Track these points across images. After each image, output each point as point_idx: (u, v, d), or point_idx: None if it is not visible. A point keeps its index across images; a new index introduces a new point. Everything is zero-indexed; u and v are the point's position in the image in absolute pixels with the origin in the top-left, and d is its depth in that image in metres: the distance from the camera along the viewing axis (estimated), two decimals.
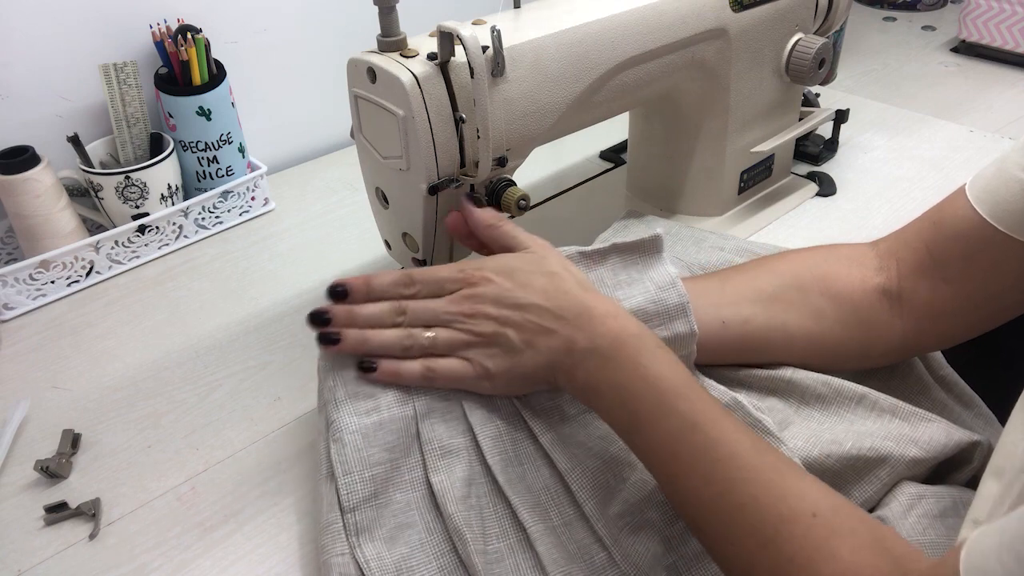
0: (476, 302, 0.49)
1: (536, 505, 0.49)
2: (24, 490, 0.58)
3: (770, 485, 0.41)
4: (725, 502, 0.41)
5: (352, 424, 0.49)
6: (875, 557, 0.38)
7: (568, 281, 0.49)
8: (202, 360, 0.69)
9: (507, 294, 0.49)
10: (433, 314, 0.50)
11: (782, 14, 0.73)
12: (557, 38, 0.58)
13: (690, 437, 0.43)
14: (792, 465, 0.42)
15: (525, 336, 0.48)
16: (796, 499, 0.40)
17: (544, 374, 0.49)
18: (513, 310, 0.49)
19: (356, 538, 0.47)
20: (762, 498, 0.40)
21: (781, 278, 0.57)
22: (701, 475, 0.42)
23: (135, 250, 0.82)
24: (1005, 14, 1.12)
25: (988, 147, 0.94)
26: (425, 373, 0.50)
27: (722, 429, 0.43)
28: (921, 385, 0.59)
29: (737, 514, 0.41)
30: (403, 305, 0.51)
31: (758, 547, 0.40)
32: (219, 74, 0.84)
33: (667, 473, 0.44)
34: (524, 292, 0.49)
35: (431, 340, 0.50)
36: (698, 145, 0.76)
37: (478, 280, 0.50)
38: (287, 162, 1.01)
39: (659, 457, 0.45)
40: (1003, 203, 0.50)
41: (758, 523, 0.40)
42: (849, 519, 0.39)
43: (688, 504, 0.43)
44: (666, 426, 0.44)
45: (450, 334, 0.50)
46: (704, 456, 0.42)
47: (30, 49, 0.78)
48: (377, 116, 0.55)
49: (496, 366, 0.49)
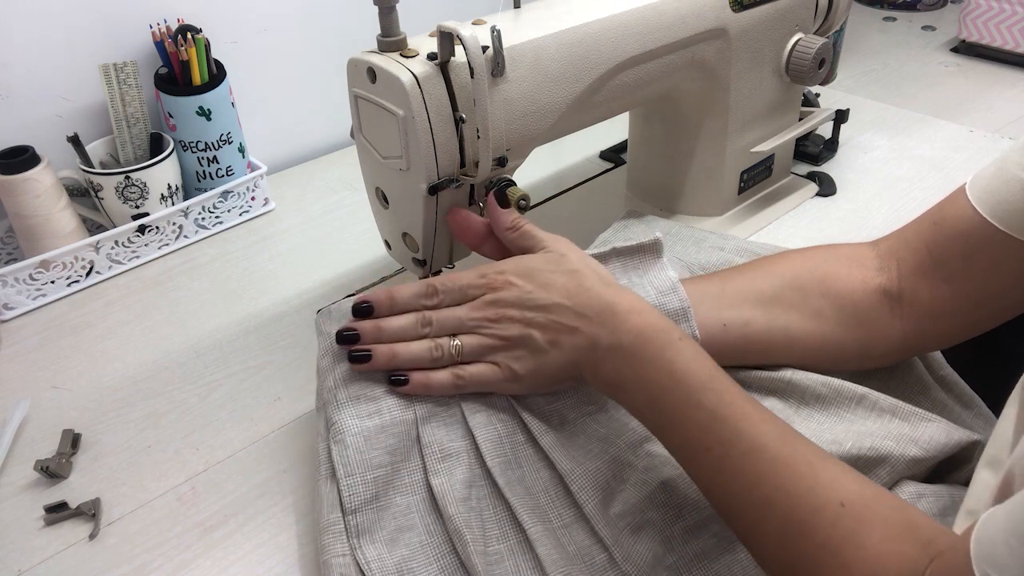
0: (499, 306, 0.50)
1: (536, 507, 0.49)
2: (24, 490, 0.58)
3: (799, 475, 0.41)
4: (755, 494, 0.42)
5: (354, 426, 0.49)
6: (903, 544, 0.38)
7: (590, 278, 0.50)
8: (202, 360, 0.69)
9: (529, 296, 0.49)
10: (458, 322, 0.51)
11: (782, 14, 0.73)
12: (557, 38, 0.58)
13: (717, 430, 0.43)
14: (821, 453, 0.43)
15: (549, 336, 0.49)
16: (824, 488, 0.40)
17: (571, 371, 0.49)
18: (536, 311, 0.49)
19: (357, 539, 0.47)
20: (791, 489, 0.41)
21: (781, 279, 0.57)
22: (730, 468, 0.43)
23: (135, 250, 0.82)
24: (1005, 14, 1.12)
25: (988, 147, 0.94)
26: (455, 381, 0.50)
27: (750, 421, 0.43)
28: (921, 385, 0.59)
29: (766, 507, 0.41)
30: (428, 316, 0.51)
31: (788, 537, 0.40)
32: (219, 74, 0.84)
33: (696, 466, 0.45)
34: (546, 293, 0.49)
35: (458, 349, 0.50)
36: (698, 145, 0.76)
37: (500, 284, 0.50)
38: (287, 162, 1.01)
39: (688, 451, 0.45)
40: (1004, 202, 0.50)
41: (788, 514, 0.40)
42: (879, 506, 0.40)
43: (718, 496, 0.44)
44: (694, 419, 0.44)
45: (476, 340, 0.50)
46: (732, 448, 0.43)
47: (30, 49, 0.78)
48: (377, 116, 0.55)
49: (523, 368, 0.50)
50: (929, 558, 0.37)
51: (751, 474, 0.42)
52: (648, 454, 0.52)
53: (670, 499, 0.50)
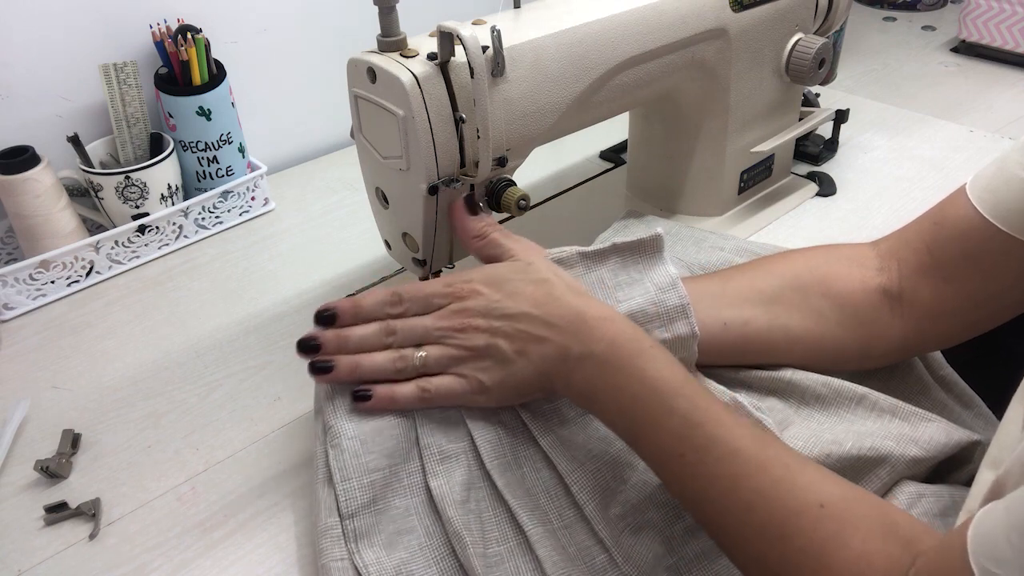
0: (465, 316, 0.49)
1: (536, 508, 0.49)
2: (24, 490, 0.58)
3: (776, 479, 0.41)
4: (732, 499, 0.41)
5: (350, 430, 0.49)
6: (885, 543, 0.38)
7: (558, 287, 0.49)
8: (202, 360, 0.69)
9: (496, 305, 0.49)
10: (424, 331, 0.50)
11: (782, 14, 0.73)
12: (557, 38, 0.58)
13: (692, 436, 0.43)
14: (797, 456, 0.42)
15: (516, 346, 0.48)
16: (803, 491, 0.40)
17: (540, 382, 0.49)
18: (503, 320, 0.48)
19: (355, 543, 0.47)
20: (769, 493, 0.40)
21: (781, 279, 0.57)
22: (705, 474, 0.42)
23: (135, 250, 0.82)
24: (1005, 14, 1.12)
25: (988, 147, 0.94)
26: (420, 395, 0.49)
27: (724, 426, 0.43)
28: (921, 385, 0.59)
29: (745, 511, 0.41)
30: (392, 325, 0.50)
31: (769, 542, 0.40)
32: (219, 74, 0.84)
33: (672, 473, 0.44)
34: (513, 302, 0.48)
35: (423, 359, 0.49)
36: (698, 145, 0.76)
37: (466, 293, 0.50)
38: (287, 162, 1.01)
39: (663, 458, 0.45)
40: (1004, 202, 0.50)
41: (767, 518, 0.40)
42: (859, 506, 0.39)
43: (696, 503, 0.44)
44: (667, 426, 0.44)
45: (441, 351, 0.49)
46: (707, 454, 0.42)
47: (30, 49, 0.78)
48: (377, 116, 0.55)
49: (490, 379, 0.49)
50: (912, 556, 0.37)
51: (727, 478, 0.41)
52: None
53: (670, 499, 0.50)
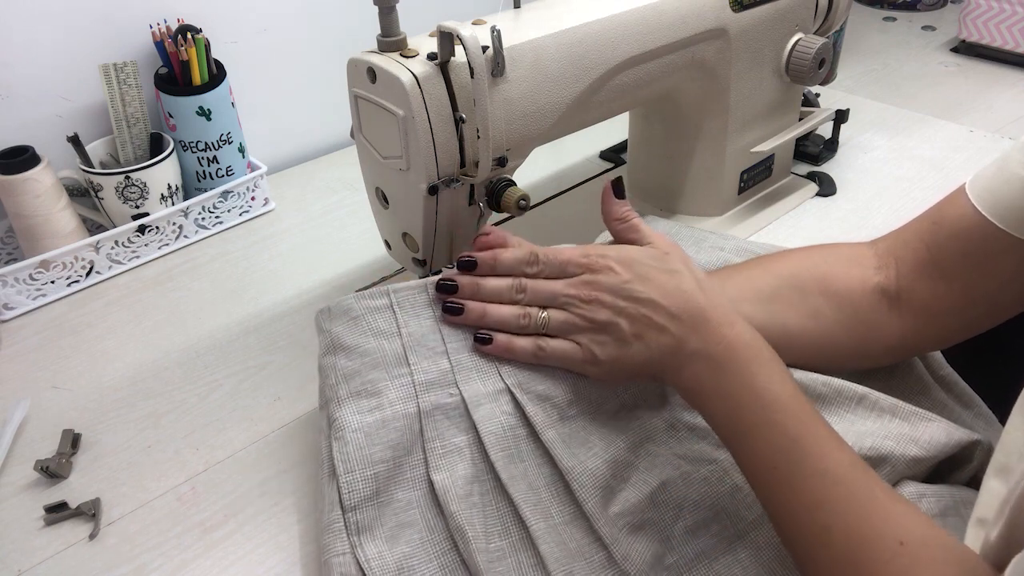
0: (594, 288, 0.50)
1: (538, 503, 0.49)
2: (24, 490, 0.58)
3: (860, 507, 0.41)
4: (814, 519, 0.41)
5: (354, 422, 0.49)
6: None
7: (688, 281, 0.49)
8: (202, 360, 0.69)
9: (626, 285, 0.49)
10: (551, 295, 0.51)
11: (782, 14, 0.73)
12: (557, 38, 0.58)
13: (787, 450, 0.43)
14: (888, 490, 0.42)
15: (636, 329, 0.49)
16: (884, 524, 0.40)
17: (650, 368, 0.49)
18: (629, 302, 0.49)
19: (357, 537, 0.47)
20: (850, 520, 0.41)
21: (780, 278, 0.57)
22: (794, 489, 0.43)
23: (135, 250, 0.82)
24: (1005, 14, 1.12)
25: (988, 147, 0.94)
26: (536, 351, 0.51)
27: (820, 446, 0.43)
28: (921, 385, 0.59)
29: (824, 533, 0.41)
30: (524, 283, 0.52)
31: (842, 568, 0.40)
32: (219, 74, 0.84)
33: (763, 484, 0.45)
34: (642, 286, 0.49)
35: (545, 321, 0.51)
36: (698, 145, 0.76)
37: (600, 267, 0.50)
38: (287, 162, 1.01)
39: (757, 467, 0.45)
40: (1004, 201, 0.50)
41: (843, 543, 0.40)
42: (938, 550, 0.39)
43: (779, 517, 0.44)
44: (765, 436, 0.44)
45: (564, 316, 0.51)
46: (798, 470, 0.43)
47: (30, 49, 0.78)
48: (377, 116, 0.55)
49: (605, 354, 0.50)
50: None
51: (812, 498, 0.42)
52: (649, 454, 0.52)
53: (670, 499, 0.50)
